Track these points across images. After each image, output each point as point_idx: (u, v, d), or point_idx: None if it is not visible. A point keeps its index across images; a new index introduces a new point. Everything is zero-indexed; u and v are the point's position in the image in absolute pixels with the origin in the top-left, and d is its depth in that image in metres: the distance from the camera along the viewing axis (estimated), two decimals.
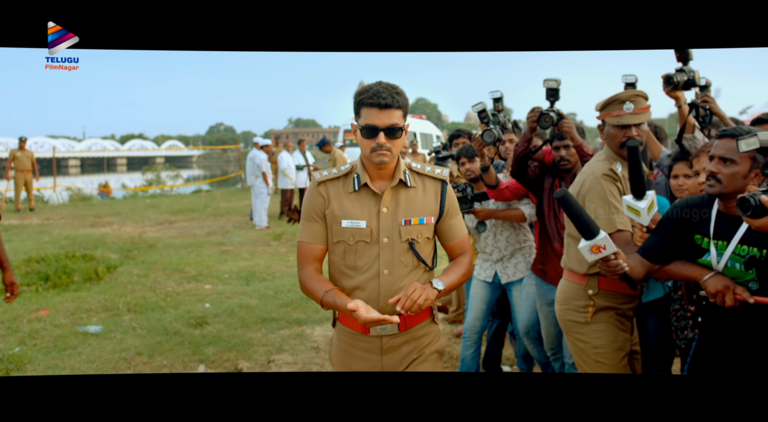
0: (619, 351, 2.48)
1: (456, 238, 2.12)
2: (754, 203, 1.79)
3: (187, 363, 4.20)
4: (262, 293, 6.01)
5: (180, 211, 12.69)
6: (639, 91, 2.46)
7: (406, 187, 2.06)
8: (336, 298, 1.97)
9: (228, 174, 28.55)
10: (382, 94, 1.92)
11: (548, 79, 2.95)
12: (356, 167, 2.09)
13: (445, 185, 2.10)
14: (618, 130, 2.42)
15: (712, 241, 2.02)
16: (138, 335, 4.76)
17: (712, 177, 2.00)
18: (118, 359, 4.25)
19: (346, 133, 14.77)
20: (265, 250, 8.41)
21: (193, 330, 4.87)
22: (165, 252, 8.16)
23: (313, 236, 2.07)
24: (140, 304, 5.56)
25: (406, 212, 2.04)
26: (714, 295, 1.99)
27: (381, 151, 1.95)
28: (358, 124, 2.00)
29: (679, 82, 2.70)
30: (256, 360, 4.24)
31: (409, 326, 2.08)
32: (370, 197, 2.05)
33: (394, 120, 1.94)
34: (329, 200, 2.06)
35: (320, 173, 2.12)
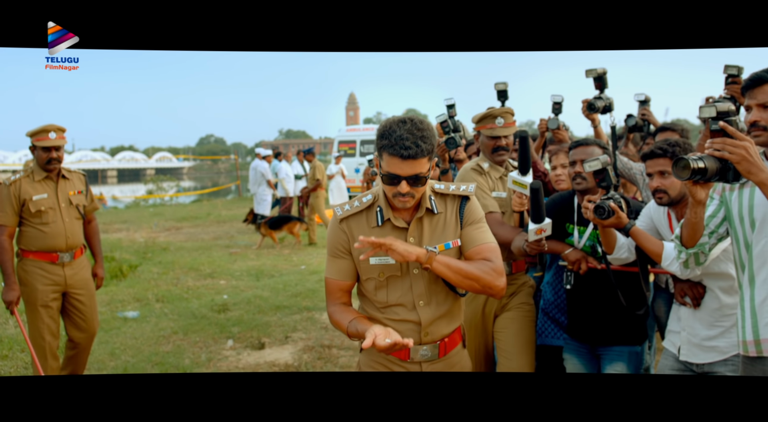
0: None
1: (472, 246, 1.95)
2: (607, 209, 2.31)
3: (217, 339, 4.95)
4: (272, 287, 6.77)
5: (185, 218, 13.44)
6: (508, 108, 3.02)
7: (433, 214, 1.97)
8: (359, 325, 1.89)
9: (219, 185, 29.22)
10: (405, 143, 1.78)
11: (498, 82, 3.49)
12: (378, 198, 1.98)
13: (465, 200, 1.99)
14: (490, 140, 2.91)
15: (576, 226, 2.73)
16: (170, 319, 5.51)
17: (578, 176, 2.66)
18: (158, 336, 5.00)
19: (340, 144, 15.54)
20: (269, 252, 9.17)
21: (218, 315, 5.63)
22: (178, 254, 8.91)
23: (339, 273, 1.99)
24: (166, 296, 6.31)
25: (431, 240, 1.95)
26: (573, 263, 2.68)
27: (403, 198, 1.87)
28: (380, 169, 1.90)
29: (599, 108, 3.31)
30: (275, 337, 5.00)
31: (448, 351, 2.02)
32: (395, 229, 1.96)
33: (417, 169, 1.82)
34: (352, 236, 1.96)
35: (341, 208, 2.00)
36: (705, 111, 1.82)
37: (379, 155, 1.87)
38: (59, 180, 3.52)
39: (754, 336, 1.93)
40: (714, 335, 2.35)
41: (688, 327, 2.42)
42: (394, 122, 1.83)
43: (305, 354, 4.58)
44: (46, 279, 3.45)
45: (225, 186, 27.50)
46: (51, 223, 3.46)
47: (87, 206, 3.67)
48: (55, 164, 3.46)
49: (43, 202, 3.45)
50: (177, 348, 4.72)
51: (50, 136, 3.41)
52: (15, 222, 3.43)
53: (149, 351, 4.65)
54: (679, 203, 2.48)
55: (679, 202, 2.48)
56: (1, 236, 3.40)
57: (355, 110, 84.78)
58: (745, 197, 1.96)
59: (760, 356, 1.92)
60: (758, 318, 1.92)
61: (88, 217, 3.71)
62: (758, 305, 1.92)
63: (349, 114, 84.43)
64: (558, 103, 3.54)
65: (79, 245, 3.59)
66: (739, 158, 1.70)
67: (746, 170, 1.71)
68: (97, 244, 3.77)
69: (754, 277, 1.94)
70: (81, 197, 3.61)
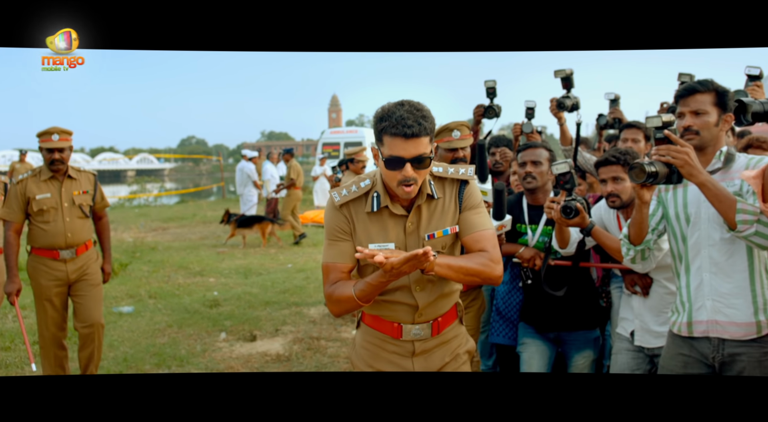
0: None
1: (470, 232, 1.93)
2: (574, 210, 2.51)
3: (210, 332, 5.20)
4: (261, 284, 7.01)
5: (170, 219, 13.59)
6: (464, 121, 2.98)
7: (432, 199, 1.94)
8: (366, 280, 1.85)
9: (201, 186, 29.23)
10: (407, 121, 1.74)
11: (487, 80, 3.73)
12: (376, 183, 1.93)
13: (464, 184, 1.96)
14: (448, 152, 2.92)
15: (528, 225, 2.93)
16: (164, 313, 5.74)
17: (529, 176, 2.85)
18: (153, 330, 5.23)
19: (324, 146, 15.80)
20: (256, 251, 9.40)
21: (210, 310, 5.87)
22: (167, 253, 9.10)
23: (341, 255, 1.94)
24: (158, 292, 6.53)
25: (429, 226, 1.92)
26: (528, 261, 2.89)
27: (407, 184, 1.81)
28: (380, 152, 1.84)
29: (568, 106, 3.56)
30: (266, 330, 5.26)
31: (441, 330, 2.01)
32: (395, 215, 1.93)
33: (421, 149, 1.78)
34: (353, 221, 1.94)
35: (338, 193, 1.95)
36: (651, 121, 2.09)
37: (379, 139, 1.82)
38: (65, 180, 3.68)
39: (688, 318, 2.20)
40: (663, 321, 2.61)
41: (639, 316, 2.70)
42: (391, 106, 1.80)
43: (295, 345, 4.85)
44: (48, 275, 3.65)
45: (207, 187, 27.55)
46: (52, 222, 3.63)
47: (97, 204, 3.84)
48: (58, 165, 3.61)
49: (45, 201, 3.62)
50: (172, 340, 4.96)
51: (53, 138, 3.58)
52: (20, 219, 3.62)
53: (146, 343, 4.88)
54: (629, 206, 2.76)
55: (628, 205, 2.75)
56: (8, 231, 3.61)
57: (338, 111, 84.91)
58: (679, 196, 2.25)
59: (690, 336, 2.20)
60: (692, 302, 2.20)
61: (99, 214, 3.90)
62: (693, 291, 2.20)
63: (332, 116, 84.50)
64: (531, 109, 3.79)
65: (82, 242, 3.73)
66: (682, 163, 1.98)
67: (688, 173, 1.99)
68: (107, 240, 3.97)
69: (689, 266, 2.21)
70: (86, 197, 3.75)
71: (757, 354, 2.10)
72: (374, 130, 1.85)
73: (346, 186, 1.95)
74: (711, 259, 2.17)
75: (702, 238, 2.19)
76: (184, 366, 4.37)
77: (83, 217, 3.75)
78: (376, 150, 1.86)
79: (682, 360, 2.23)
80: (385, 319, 1.99)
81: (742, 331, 2.12)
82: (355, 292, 1.85)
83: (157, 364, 4.40)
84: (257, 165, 12.07)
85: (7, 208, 3.65)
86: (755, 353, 2.10)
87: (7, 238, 3.63)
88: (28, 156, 12.18)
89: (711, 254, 2.17)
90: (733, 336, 2.12)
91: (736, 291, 2.13)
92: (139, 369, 4.30)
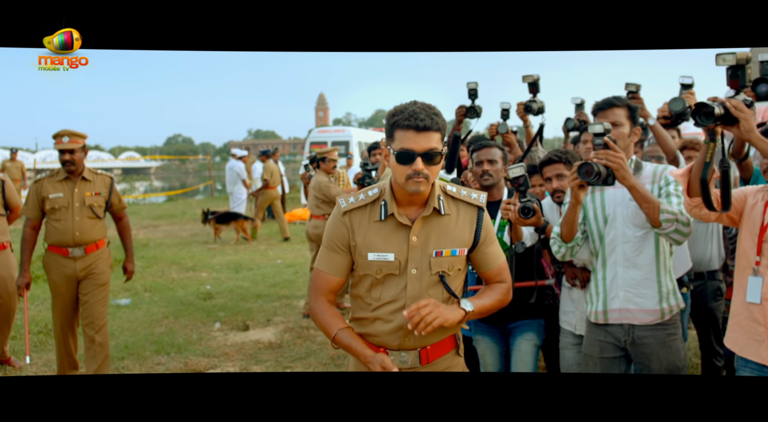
0: None
1: (492, 267, 1.98)
2: (531, 210, 2.61)
3: (205, 322, 5.48)
4: (252, 279, 7.30)
5: (161, 217, 13.81)
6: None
7: (440, 214, 1.91)
8: (352, 341, 1.89)
9: (188, 186, 29.28)
10: (420, 115, 1.78)
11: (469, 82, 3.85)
12: (384, 191, 1.92)
13: (482, 212, 1.94)
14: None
15: None
16: (160, 306, 6.01)
17: (486, 174, 2.95)
18: (151, 320, 5.51)
19: (312, 145, 16.03)
20: (246, 247, 9.67)
21: (204, 302, 6.15)
22: (159, 250, 9.35)
23: (331, 267, 1.94)
24: (154, 286, 6.80)
25: (438, 243, 1.89)
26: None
27: (417, 178, 1.80)
28: (390, 148, 1.84)
29: (535, 109, 3.73)
30: (258, 320, 5.55)
31: (431, 359, 1.94)
32: (400, 225, 1.90)
33: (433, 144, 1.79)
34: (354, 231, 1.91)
35: (345, 200, 1.95)
36: (592, 128, 2.35)
37: (390, 135, 1.84)
38: (78, 181, 3.87)
39: (603, 307, 2.48)
40: None
41: (580, 306, 2.89)
42: (405, 103, 1.84)
43: (286, 333, 5.15)
44: (58, 271, 3.86)
45: (195, 187, 27.65)
46: (62, 220, 3.82)
47: (114, 205, 4.01)
48: (70, 166, 3.82)
49: (57, 200, 3.83)
50: (169, 330, 5.24)
51: (63, 140, 3.79)
52: (37, 216, 3.86)
53: (145, 333, 5.15)
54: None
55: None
56: (25, 227, 3.87)
57: (325, 110, 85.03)
58: (597, 199, 2.53)
59: (605, 323, 2.48)
60: (607, 292, 2.48)
61: (118, 215, 4.08)
62: (608, 283, 2.48)
63: (319, 115, 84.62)
64: (506, 110, 3.94)
65: (92, 241, 3.89)
66: (618, 166, 2.27)
67: (622, 176, 2.27)
68: (128, 240, 4.15)
69: (605, 261, 2.49)
70: (98, 199, 3.91)
71: (662, 336, 2.42)
72: (386, 126, 1.87)
73: (354, 194, 1.96)
74: (624, 254, 2.45)
75: (617, 236, 2.46)
76: (182, 353, 4.65)
77: (93, 217, 3.89)
78: (387, 149, 1.87)
79: (599, 346, 2.51)
80: (373, 345, 1.92)
81: (650, 317, 2.43)
82: (335, 337, 1.91)
83: (156, 351, 4.68)
84: (247, 164, 12.34)
85: (25, 205, 3.91)
86: (660, 334, 2.43)
87: (23, 233, 3.88)
88: (18, 155, 12.34)
89: (624, 250, 2.45)
90: (642, 321, 2.43)
91: (645, 283, 2.43)
92: (139, 356, 4.57)
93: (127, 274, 4.20)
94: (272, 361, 4.50)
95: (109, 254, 4.06)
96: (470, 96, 3.84)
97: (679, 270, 3.10)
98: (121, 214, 4.13)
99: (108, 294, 4.07)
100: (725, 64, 2.22)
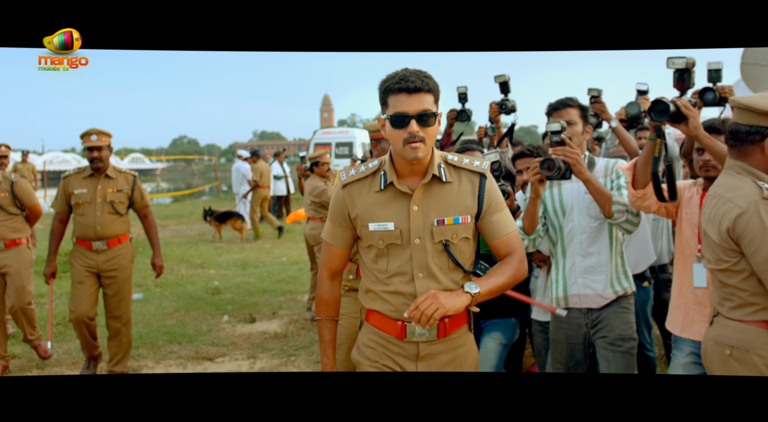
0: None
1: (499, 236, 1.91)
2: (505, 191, 2.61)
3: (214, 315, 5.78)
4: (258, 275, 7.60)
5: (168, 217, 14.15)
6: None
7: (441, 182, 1.89)
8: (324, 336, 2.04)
9: (194, 187, 29.60)
10: (410, 78, 1.77)
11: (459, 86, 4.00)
12: (384, 162, 1.92)
13: (484, 179, 1.91)
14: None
15: None
16: (171, 300, 6.32)
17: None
18: (163, 313, 5.81)
19: (316, 146, 16.32)
20: (252, 246, 9.98)
21: (212, 296, 6.46)
22: (168, 248, 9.64)
23: (334, 239, 1.99)
24: (164, 282, 7.10)
25: (439, 211, 1.87)
26: None
27: (414, 142, 1.78)
28: (385, 116, 1.83)
29: (508, 108, 3.74)
30: (264, 313, 5.84)
31: (449, 332, 1.92)
32: (400, 194, 1.89)
33: (426, 105, 1.78)
34: (354, 203, 1.93)
35: (346, 172, 1.97)
36: (550, 127, 2.51)
37: (384, 102, 1.83)
38: (102, 179, 4.12)
39: (564, 292, 2.68)
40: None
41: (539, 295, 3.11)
42: (395, 70, 1.84)
43: (291, 325, 5.44)
44: (82, 261, 4.12)
45: (200, 188, 27.98)
46: (85, 215, 4.08)
47: (136, 203, 4.24)
48: (98, 163, 4.07)
49: (81, 196, 4.10)
50: (180, 322, 5.54)
51: (92, 138, 4.04)
52: (64, 210, 4.14)
53: (158, 324, 5.46)
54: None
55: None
56: (54, 220, 4.17)
57: (330, 111, 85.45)
58: (555, 194, 2.73)
59: (567, 307, 2.69)
60: (567, 279, 2.68)
61: (142, 213, 4.31)
62: (568, 271, 2.68)
63: (324, 116, 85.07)
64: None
65: (113, 236, 4.12)
66: (574, 161, 2.47)
67: (578, 170, 2.48)
68: (154, 237, 4.39)
69: (565, 250, 2.69)
70: (120, 195, 4.14)
71: (615, 309, 2.64)
72: (379, 95, 1.86)
73: (355, 167, 1.98)
74: (581, 244, 2.65)
75: (575, 227, 2.67)
76: (193, 343, 4.94)
77: (114, 213, 4.12)
78: (383, 120, 1.85)
79: (564, 332, 2.72)
80: (388, 317, 1.92)
81: (604, 301, 2.64)
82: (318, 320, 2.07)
83: (169, 341, 4.98)
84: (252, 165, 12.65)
85: (54, 200, 4.22)
86: (614, 307, 2.63)
87: (52, 225, 4.20)
88: (29, 157, 12.67)
89: (581, 240, 2.65)
90: (599, 305, 2.65)
91: (600, 269, 2.63)
92: (153, 345, 4.87)
93: (156, 269, 4.41)
94: (277, 350, 4.79)
95: (131, 250, 4.28)
96: (460, 100, 3.97)
97: (642, 264, 3.37)
98: (145, 211, 4.33)
99: (131, 288, 4.30)
100: (674, 67, 2.42)
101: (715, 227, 1.99)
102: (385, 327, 1.93)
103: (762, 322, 1.96)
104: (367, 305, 1.99)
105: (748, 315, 1.97)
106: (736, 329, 2.00)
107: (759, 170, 1.99)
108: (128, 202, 4.21)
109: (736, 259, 1.97)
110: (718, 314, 2.09)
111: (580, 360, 2.74)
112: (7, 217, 4.36)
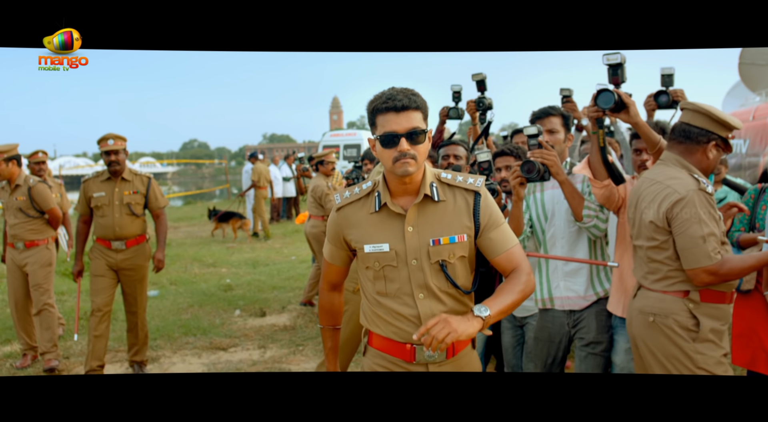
0: None
1: (500, 252, 1.88)
2: (494, 189, 2.62)
3: (226, 310, 6.08)
4: (268, 273, 7.90)
5: (180, 219, 14.53)
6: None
7: (434, 201, 1.87)
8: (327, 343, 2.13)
9: (204, 189, 29.98)
10: (397, 96, 1.78)
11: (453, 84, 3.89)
12: (378, 183, 1.92)
13: (479, 197, 1.88)
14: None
15: None
16: (185, 296, 6.63)
17: (452, 166, 3.10)
18: (178, 308, 6.12)
19: (324, 148, 16.62)
20: (262, 246, 10.30)
21: (224, 293, 6.76)
22: (181, 248, 10.00)
23: (331, 257, 2.02)
24: (178, 280, 7.42)
25: (434, 231, 1.85)
26: None
27: (404, 159, 1.77)
28: (375, 136, 1.82)
29: (485, 105, 3.71)
30: (274, 308, 6.14)
31: (456, 352, 1.91)
32: (394, 215, 1.88)
33: (415, 123, 1.78)
34: (349, 226, 1.93)
35: (340, 195, 1.97)
36: (527, 130, 2.66)
37: (373, 123, 1.83)
38: (118, 181, 4.36)
39: (548, 294, 2.84)
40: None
41: None
42: (382, 91, 1.84)
43: (299, 318, 5.72)
44: (102, 258, 4.37)
45: (211, 189, 28.34)
46: (105, 216, 4.33)
47: (151, 203, 4.45)
48: (115, 167, 4.31)
49: (99, 199, 4.35)
50: (195, 316, 5.84)
51: (108, 142, 4.31)
52: (86, 212, 4.41)
53: (173, 318, 5.77)
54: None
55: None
56: (78, 222, 4.46)
57: (339, 113, 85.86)
58: (538, 198, 2.90)
59: (552, 308, 2.84)
60: (551, 281, 2.84)
61: (155, 213, 4.52)
62: (551, 273, 2.84)
63: (333, 118, 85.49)
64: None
65: (131, 236, 4.36)
66: (552, 163, 2.64)
67: (555, 172, 2.64)
68: (161, 234, 4.60)
69: (548, 253, 2.83)
70: (136, 197, 4.38)
71: (594, 311, 2.78)
72: (368, 116, 1.86)
73: (349, 189, 1.97)
74: (563, 248, 2.78)
75: (557, 231, 2.81)
76: (207, 335, 5.24)
77: (131, 214, 4.35)
78: (373, 141, 1.84)
79: (547, 332, 2.86)
80: (395, 340, 1.89)
81: (586, 302, 2.78)
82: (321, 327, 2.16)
83: (184, 333, 5.28)
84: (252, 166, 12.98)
85: (77, 203, 4.52)
86: (593, 310, 2.78)
87: (76, 227, 4.49)
88: None
89: (563, 244, 2.79)
90: (580, 306, 2.78)
91: (580, 271, 2.77)
92: (170, 337, 5.18)
93: (155, 263, 4.56)
94: (286, 340, 5.08)
95: (148, 250, 4.53)
96: (454, 98, 4.00)
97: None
98: (158, 212, 4.54)
99: (147, 286, 4.56)
100: (609, 63, 2.57)
101: (654, 207, 2.26)
102: (392, 351, 1.91)
103: (679, 292, 2.26)
104: (370, 327, 1.97)
105: (668, 286, 2.28)
106: (657, 299, 2.30)
107: (694, 166, 2.28)
108: (144, 203, 4.43)
109: (665, 237, 2.25)
110: (641, 288, 2.37)
111: (559, 359, 2.88)
112: (26, 219, 4.64)
